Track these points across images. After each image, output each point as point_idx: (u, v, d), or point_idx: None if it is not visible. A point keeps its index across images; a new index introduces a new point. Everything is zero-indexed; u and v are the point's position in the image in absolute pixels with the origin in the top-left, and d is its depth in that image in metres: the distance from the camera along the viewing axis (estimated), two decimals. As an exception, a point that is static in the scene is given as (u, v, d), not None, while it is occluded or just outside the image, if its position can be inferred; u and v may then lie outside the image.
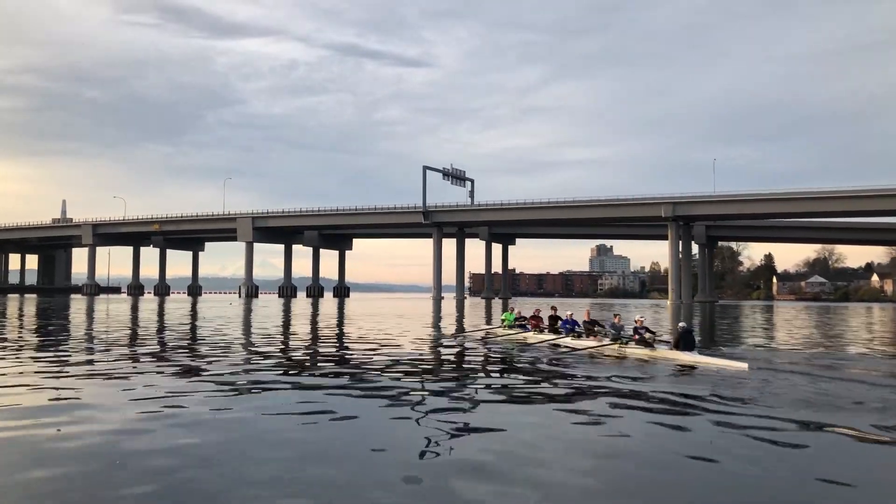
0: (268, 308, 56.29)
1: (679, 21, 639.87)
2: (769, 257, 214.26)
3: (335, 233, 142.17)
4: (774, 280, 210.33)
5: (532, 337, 20.03)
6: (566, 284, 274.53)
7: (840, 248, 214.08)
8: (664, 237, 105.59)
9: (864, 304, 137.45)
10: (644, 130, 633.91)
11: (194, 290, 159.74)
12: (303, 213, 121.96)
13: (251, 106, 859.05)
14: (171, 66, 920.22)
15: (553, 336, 19.43)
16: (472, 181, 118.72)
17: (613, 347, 16.77)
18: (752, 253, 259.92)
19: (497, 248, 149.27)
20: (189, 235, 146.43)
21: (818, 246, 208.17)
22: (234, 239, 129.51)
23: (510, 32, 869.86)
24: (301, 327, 28.79)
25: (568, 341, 18.38)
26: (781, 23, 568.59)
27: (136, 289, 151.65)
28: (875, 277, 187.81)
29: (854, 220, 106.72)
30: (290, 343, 20.27)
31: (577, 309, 30.91)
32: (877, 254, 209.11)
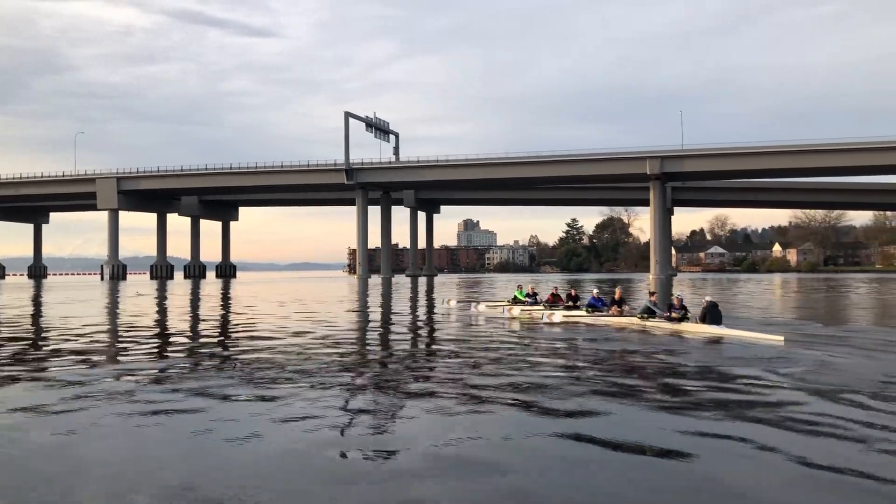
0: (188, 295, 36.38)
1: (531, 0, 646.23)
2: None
3: (220, 198, 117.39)
4: (673, 251, 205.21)
5: (547, 313, 18.84)
6: (452, 259, 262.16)
7: (733, 217, 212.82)
8: (635, 202, 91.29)
9: (774, 274, 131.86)
10: (498, 108, 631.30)
11: (37, 271, 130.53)
12: (183, 173, 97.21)
13: (86, 73, 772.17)
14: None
15: (571, 313, 18.54)
16: (397, 135, 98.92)
17: (635, 321, 16.37)
18: (644, 224, 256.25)
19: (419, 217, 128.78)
20: (31, 203, 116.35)
21: (711, 216, 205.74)
22: (93, 207, 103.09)
23: (360, 5, 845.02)
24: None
25: (584, 316, 17.89)
26: (625, 4, 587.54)
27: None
28: (777, 247, 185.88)
29: (833, 181, 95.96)
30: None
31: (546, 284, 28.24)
32: (764, 220, 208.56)
